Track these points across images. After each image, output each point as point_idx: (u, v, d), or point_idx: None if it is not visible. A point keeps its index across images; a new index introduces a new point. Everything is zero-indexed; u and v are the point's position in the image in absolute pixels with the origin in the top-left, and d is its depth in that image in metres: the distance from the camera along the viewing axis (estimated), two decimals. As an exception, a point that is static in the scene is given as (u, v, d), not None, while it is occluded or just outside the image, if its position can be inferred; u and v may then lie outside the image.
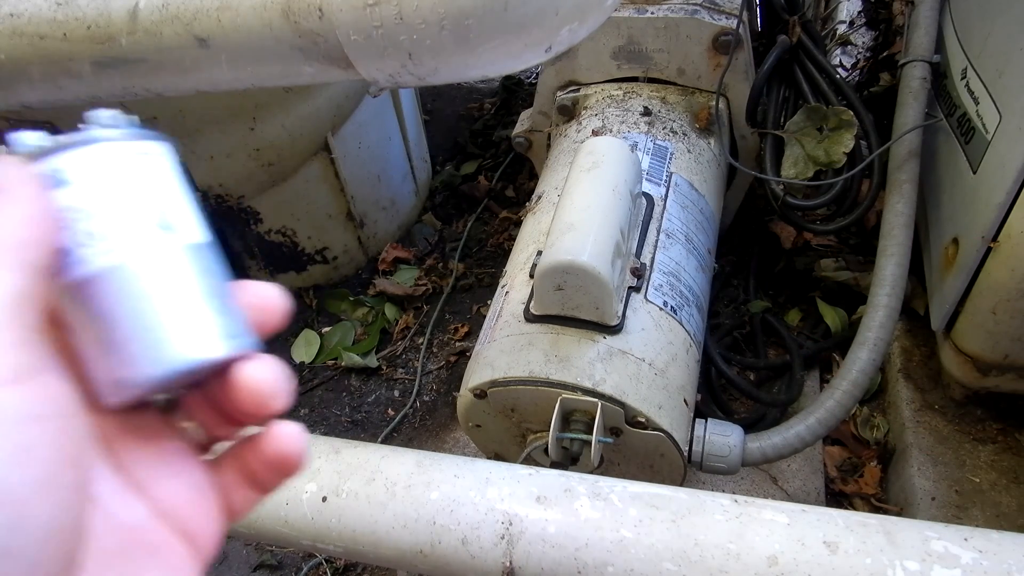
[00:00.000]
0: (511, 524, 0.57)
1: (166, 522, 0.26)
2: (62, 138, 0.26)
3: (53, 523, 0.21)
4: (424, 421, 1.29)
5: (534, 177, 1.18)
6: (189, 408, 0.28)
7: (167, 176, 0.27)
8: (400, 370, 1.37)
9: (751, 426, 1.06)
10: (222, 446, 0.30)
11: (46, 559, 0.21)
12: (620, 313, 0.78)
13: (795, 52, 1.07)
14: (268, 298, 0.29)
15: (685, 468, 0.81)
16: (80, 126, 0.27)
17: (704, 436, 0.83)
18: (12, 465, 0.20)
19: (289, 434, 0.28)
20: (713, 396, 1.14)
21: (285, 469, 0.28)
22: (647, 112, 1.04)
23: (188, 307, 0.26)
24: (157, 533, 0.26)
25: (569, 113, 1.11)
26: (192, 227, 0.27)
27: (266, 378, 0.26)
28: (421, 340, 1.40)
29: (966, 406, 1.02)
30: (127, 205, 0.26)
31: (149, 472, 0.27)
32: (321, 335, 1.43)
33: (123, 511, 0.25)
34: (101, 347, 0.25)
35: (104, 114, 0.27)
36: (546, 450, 0.76)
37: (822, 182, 1.04)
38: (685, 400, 0.80)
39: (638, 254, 0.85)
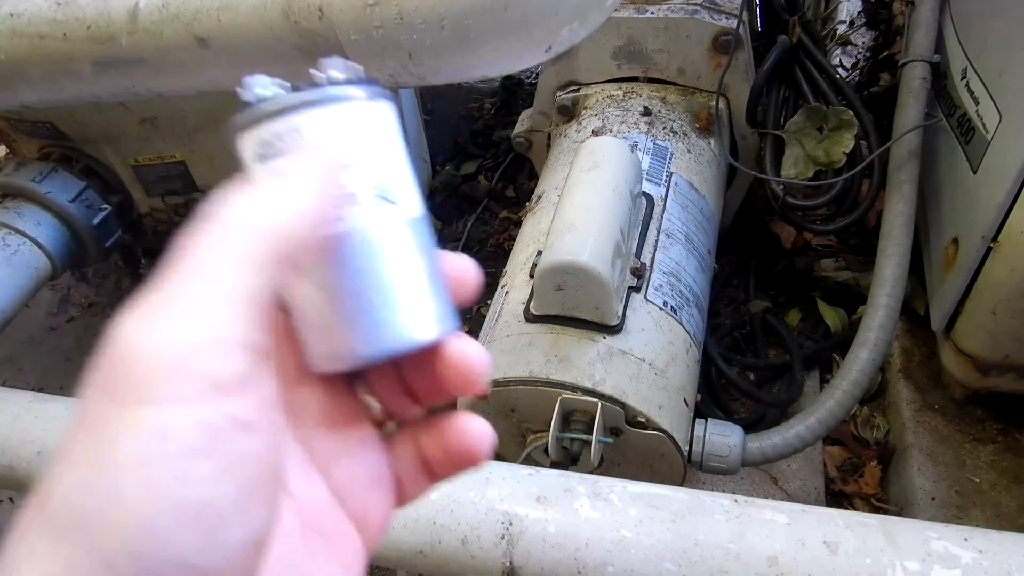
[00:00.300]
0: (511, 524, 0.57)
1: (343, 505, 0.25)
2: (300, 95, 0.24)
3: (246, 539, 0.19)
4: (424, 421, 1.28)
5: (534, 177, 1.18)
6: (371, 382, 0.27)
7: (395, 142, 0.26)
8: (400, 370, 1.37)
9: (751, 426, 1.06)
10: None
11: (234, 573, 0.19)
12: (620, 313, 0.78)
13: (795, 52, 1.07)
14: (465, 271, 0.27)
15: (685, 468, 0.80)
16: (314, 75, 0.26)
17: (704, 436, 0.83)
18: (217, 480, 0.19)
19: (479, 428, 0.26)
20: (713, 396, 1.14)
21: (466, 462, 0.27)
22: (647, 112, 1.04)
23: (409, 286, 0.25)
24: (333, 517, 0.25)
25: (569, 113, 1.11)
26: (414, 199, 0.26)
27: (476, 357, 0.25)
28: (421, 340, 1.40)
29: (966, 406, 1.02)
30: (359, 174, 0.24)
31: (332, 449, 0.25)
32: (321, 335, 1.43)
33: (305, 491, 0.24)
34: (320, 318, 0.24)
35: (338, 66, 0.26)
36: (546, 450, 0.76)
37: (822, 182, 1.04)
38: (685, 400, 0.80)
39: (638, 254, 0.85)
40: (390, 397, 0.27)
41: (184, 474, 0.18)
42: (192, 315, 0.19)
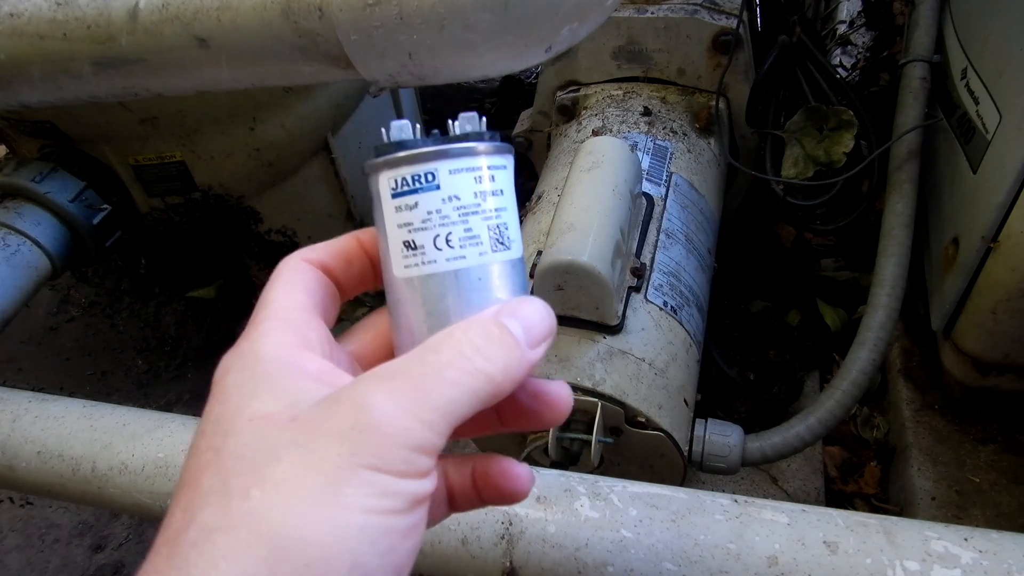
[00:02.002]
0: (511, 524, 0.57)
1: None
2: (438, 145, 0.28)
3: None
4: (424, 421, 1.28)
5: (534, 177, 1.18)
6: None
7: (511, 189, 0.30)
8: (400, 370, 1.37)
9: (751, 426, 1.06)
10: None
11: None
12: (620, 313, 0.78)
13: (795, 52, 1.07)
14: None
15: (685, 468, 0.80)
16: (451, 124, 0.30)
17: (704, 436, 0.82)
18: (406, 537, 0.24)
19: (522, 475, 0.31)
20: (713, 396, 1.14)
21: (504, 500, 0.31)
22: (647, 112, 1.04)
23: None
24: None
25: (569, 113, 1.11)
26: (518, 242, 0.30)
27: (565, 394, 0.30)
28: (421, 340, 1.40)
29: (966, 406, 1.02)
30: (481, 216, 0.28)
31: None
32: (321, 335, 1.43)
33: None
34: (422, 338, 0.27)
35: (472, 120, 0.29)
36: (546, 450, 0.76)
37: (822, 182, 1.04)
38: (685, 400, 0.80)
39: (638, 254, 0.85)
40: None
41: (391, 527, 0.23)
42: (426, 422, 0.24)
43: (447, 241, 0.27)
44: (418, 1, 0.53)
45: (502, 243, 0.28)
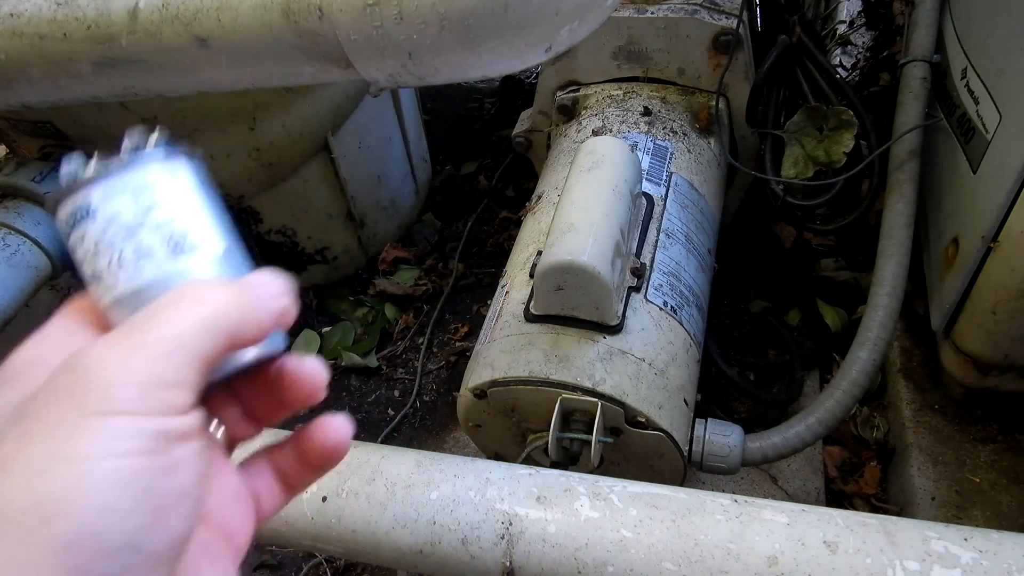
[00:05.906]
0: (511, 524, 0.57)
1: (209, 525, 0.28)
2: (94, 171, 0.27)
3: (183, 528, 0.24)
4: (424, 421, 1.29)
5: (534, 177, 1.18)
6: (214, 408, 0.30)
7: (189, 194, 0.29)
8: (400, 370, 1.37)
9: (751, 426, 1.06)
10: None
11: (165, 560, 0.24)
12: (620, 313, 0.78)
13: (795, 52, 1.07)
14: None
15: (685, 468, 0.80)
16: (121, 146, 0.29)
17: (704, 436, 0.83)
18: (164, 476, 0.24)
19: (336, 423, 0.31)
20: (713, 396, 1.14)
21: (328, 456, 0.31)
22: (647, 112, 1.04)
23: None
24: (203, 534, 0.28)
25: (569, 113, 1.11)
26: (214, 239, 0.29)
27: (314, 369, 0.30)
28: (421, 340, 1.40)
29: (966, 406, 1.02)
30: (150, 228, 0.28)
31: None
32: (321, 335, 1.43)
33: None
34: None
35: (135, 136, 0.29)
36: (546, 450, 0.76)
37: (822, 182, 1.04)
38: (685, 400, 0.80)
39: (638, 254, 0.85)
40: (234, 424, 0.31)
41: (141, 467, 0.23)
42: (152, 358, 0.24)
43: (119, 263, 0.27)
44: (418, 1, 0.53)
45: (182, 249, 0.28)
